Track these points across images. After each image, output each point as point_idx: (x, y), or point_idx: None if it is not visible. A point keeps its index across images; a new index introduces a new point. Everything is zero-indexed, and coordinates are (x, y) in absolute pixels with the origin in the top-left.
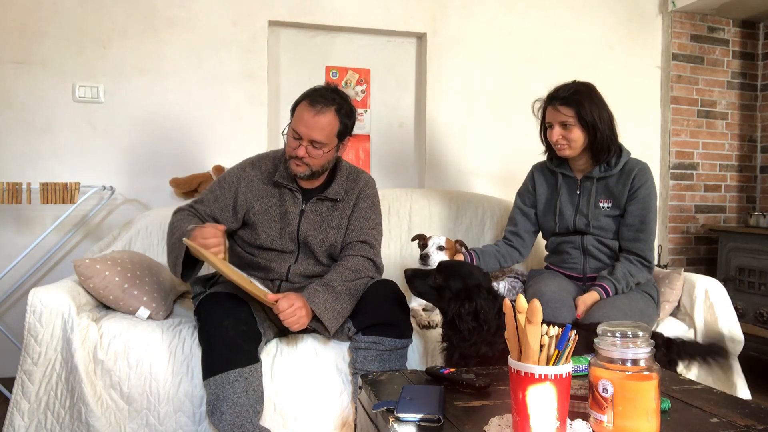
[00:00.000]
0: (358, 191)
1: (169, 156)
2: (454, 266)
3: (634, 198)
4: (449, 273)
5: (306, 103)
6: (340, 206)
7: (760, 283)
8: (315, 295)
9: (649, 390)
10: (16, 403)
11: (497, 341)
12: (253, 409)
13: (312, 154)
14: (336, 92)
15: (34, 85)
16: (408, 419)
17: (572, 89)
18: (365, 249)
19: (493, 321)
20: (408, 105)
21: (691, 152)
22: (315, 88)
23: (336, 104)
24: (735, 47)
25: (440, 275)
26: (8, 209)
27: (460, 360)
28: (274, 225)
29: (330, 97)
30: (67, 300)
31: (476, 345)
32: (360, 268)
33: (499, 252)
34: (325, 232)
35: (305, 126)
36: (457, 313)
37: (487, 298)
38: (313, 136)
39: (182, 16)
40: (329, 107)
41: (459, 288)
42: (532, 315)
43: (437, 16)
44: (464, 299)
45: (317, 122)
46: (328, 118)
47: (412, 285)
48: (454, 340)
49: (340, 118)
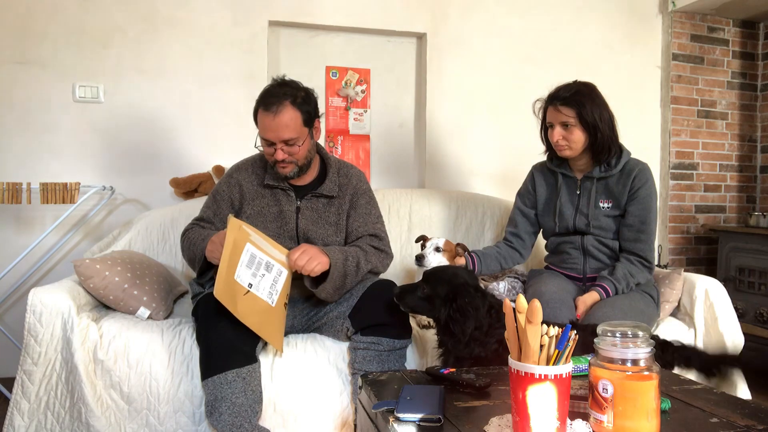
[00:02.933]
0: (352, 188)
1: (169, 156)
2: (439, 272)
3: (634, 198)
4: (435, 280)
5: (262, 109)
6: (336, 202)
7: (760, 283)
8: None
9: (649, 390)
10: (16, 403)
11: (489, 341)
12: (251, 409)
13: (290, 152)
14: (285, 84)
15: (34, 85)
16: (408, 419)
17: (573, 89)
18: (374, 241)
19: (484, 319)
20: (408, 105)
21: (691, 152)
22: (265, 90)
23: (289, 97)
24: (735, 47)
25: (427, 285)
26: (8, 209)
27: (455, 363)
28: (270, 225)
29: (280, 92)
30: (67, 300)
31: (469, 346)
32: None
33: (500, 254)
34: (324, 228)
35: (271, 131)
36: (448, 315)
37: (475, 295)
38: (283, 136)
39: (182, 16)
40: (283, 103)
41: (446, 291)
42: (532, 315)
43: (437, 16)
44: (452, 300)
45: (280, 122)
46: (288, 114)
47: (403, 302)
48: (449, 344)
49: (298, 107)
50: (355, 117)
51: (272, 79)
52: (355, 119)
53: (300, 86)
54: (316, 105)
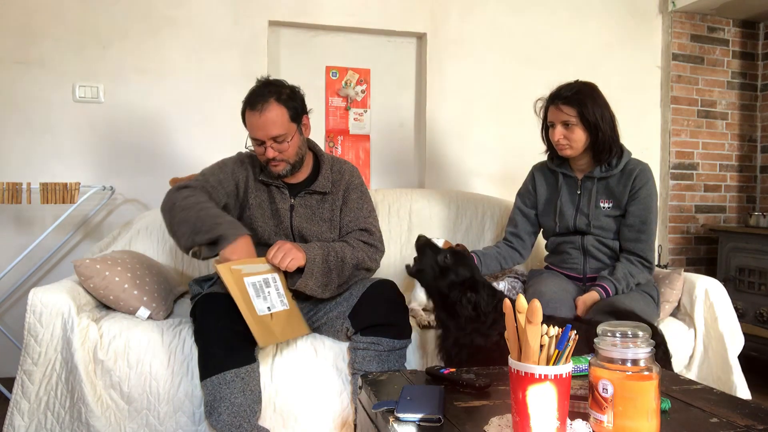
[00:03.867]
0: (345, 183)
1: (169, 156)
2: (466, 256)
3: (635, 199)
4: (460, 260)
5: (248, 109)
6: (329, 199)
7: (760, 283)
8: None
9: (649, 390)
10: (16, 403)
11: (492, 333)
12: (250, 409)
13: (280, 150)
14: (269, 84)
15: (34, 85)
16: (408, 419)
17: (575, 89)
18: (364, 236)
19: (490, 315)
20: (408, 105)
21: (691, 152)
22: (251, 91)
23: (273, 94)
24: (735, 47)
25: (451, 258)
26: (8, 209)
27: (453, 346)
28: (268, 221)
29: (264, 91)
30: (67, 300)
31: (471, 335)
32: (362, 249)
33: (500, 254)
34: (318, 225)
35: (259, 129)
36: (458, 299)
37: (489, 294)
38: (271, 133)
39: (182, 16)
40: (268, 100)
41: (466, 277)
42: (532, 315)
43: (437, 16)
44: (468, 288)
45: (266, 120)
46: (274, 111)
47: (422, 252)
48: (451, 325)
49: (284, 104)
50: (355, 117)
51: (257, 80)
52: (355, 119)
53: (285, 84)
54: (302, 101)
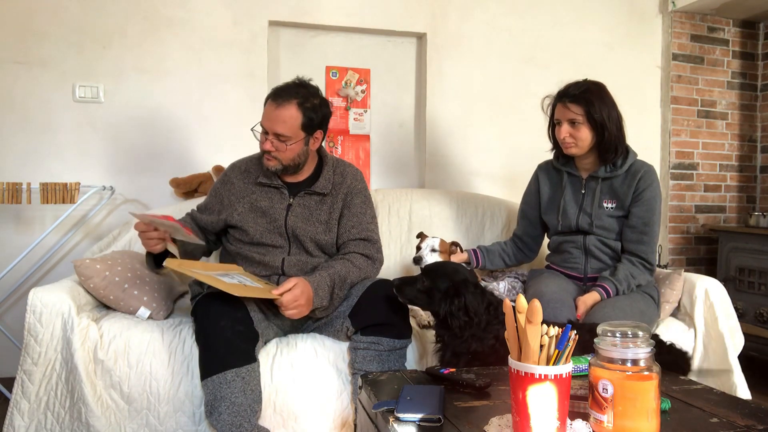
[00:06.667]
0: (347, 186)
1: (169, 156)
2: (439, 267)
3: (638, 200)
4: (435, 274)
5: (270, 98)
6: (328, 200)
7: (760, 283)
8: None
9: (649, 390)
10: (16, 403)
11: (486, 337)
12: (251, 409)
13: (278, 148)
14: (303, 86)
15: (34, 85)
16: (408, 419)
17: (583, 87)
18: (367, 247)
19: (483, 315)
20: (408, 105)
21: (691, 152)
22: (284, 83)
23: (299, 97)
24: (735, 47)
25: (427, 278)
26: (8, 209)
27: (452, 358)
28: (259, 220)
29: (293, 91)
30: (67, 300)
31: (467, 342)
32: (365, 267)
33: (504, 251)
34: (313, 226)
35: (268, 120)
36: (448, 310)
37: (475, 293)
38: (276, 129)
39: (182, 16)
40: (290, 101)
41: (447, 286)
42: (532, 315)
43: (437, 16)
44: (453, 296)
45: (278, 116)
46: (289, 112)
47: (402, 293)
48: (446, 338)
49: (303, 111)
50: (355, 117)
51: (296, 77)
52: (355, 119)
53: (317, 94)
54: (324, 117)
